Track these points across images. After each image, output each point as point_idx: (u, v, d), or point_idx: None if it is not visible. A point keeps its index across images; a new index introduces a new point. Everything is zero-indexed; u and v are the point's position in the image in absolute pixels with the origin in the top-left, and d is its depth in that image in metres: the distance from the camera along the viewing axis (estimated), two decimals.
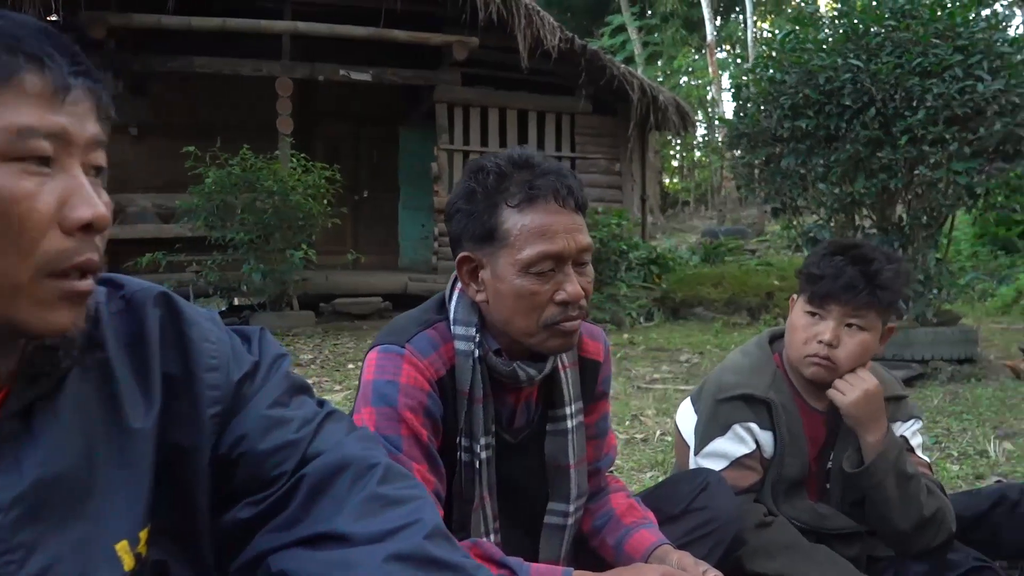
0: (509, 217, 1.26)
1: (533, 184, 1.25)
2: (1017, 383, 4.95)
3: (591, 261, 1.32)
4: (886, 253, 1.69)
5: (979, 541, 1.95)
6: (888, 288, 1.64)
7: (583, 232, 1.28)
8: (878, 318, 1.68)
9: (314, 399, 1.02)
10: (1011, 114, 4.83)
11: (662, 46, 18.92)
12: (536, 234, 1.24)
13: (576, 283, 1.26)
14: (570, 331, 1.29)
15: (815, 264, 1.69)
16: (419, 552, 0.86)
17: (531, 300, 1.26)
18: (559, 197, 1.25)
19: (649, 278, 9.75)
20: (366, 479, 0.91)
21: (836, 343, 1.66)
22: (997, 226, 10.79)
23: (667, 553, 1.38)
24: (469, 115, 9.62)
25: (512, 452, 1.41)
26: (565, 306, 1.27)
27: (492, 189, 1.27)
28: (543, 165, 1.29)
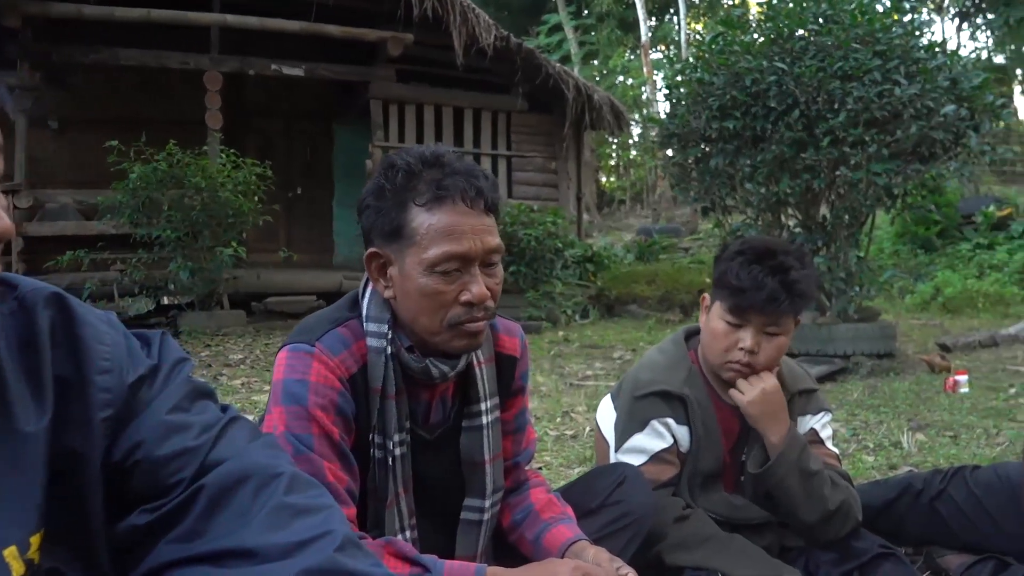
0: (416, 216, 1.25)
1: (441, 184, 1.25)
2: (932, 377, 5.14)
3: (500, 261, 1.33)
4: (797, 255, 1.72)
5: (886, 529, 2.03)
6: (805, 296, 1.69)
7: (492, 234, 1.29)
8: (792, 320, 1.73)
9: (217, 404, 0.99)
10: (926, 117, 5.02)
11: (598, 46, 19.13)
12: (442, 234, 1.24)
13: (482, 284, 1.26)
14: (474, 332, 1.30)
15: (734, 274, 1.69)
16: (330, 566, 0.84)
17: (436, 299, 1.26)
18: (467, 198, 1.25)
19: (584, 276, 9.84)
20: (271, 489, 0.89)
21: (757, 349, 1.70)
22: (916, 226, 11.21)
23: (584, 548, 1.40)
24: (404, 112, 9.54)
25: (428, 448, 1.41)
26: (470, 307, 1.27)
27: (401, 187, 1.27)
28: (454, 164, 1.28)
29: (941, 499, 2.01)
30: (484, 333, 1.33)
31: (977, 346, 6.53)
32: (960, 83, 5.18)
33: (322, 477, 1.20)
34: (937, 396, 4.51)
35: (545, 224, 8.51)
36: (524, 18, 19.66)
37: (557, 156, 10.62)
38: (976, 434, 3.57)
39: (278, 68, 8.96)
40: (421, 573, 1.18)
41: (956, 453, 3.23)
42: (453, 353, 1.33)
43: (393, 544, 1.21)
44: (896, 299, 9.74)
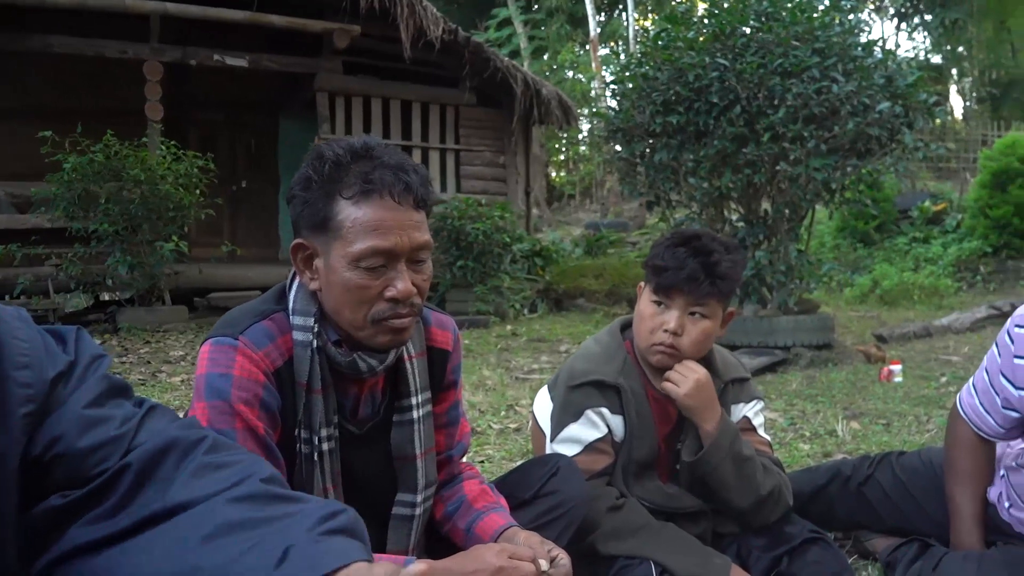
0: (343, 209, 1.24)
1: (369, 178, 1.23)
2: (868, 367, 5.29)
3: (428, 258, 1.31)
4: (725, 244, 1.76)
5: (817, 514, 2.08)
6: (727, 278, 1.72)
7: (420, 230, 1.27)
8: (719, 305, 1.75)
9: (133, 400, 0.99)
10: (862, 114, 5.15)
11: (547, 41, 19.16)
12: (368, 229, 1.22)
13: (407, 281, 1.25)
14: (399, 328, 1.28)
15: (659, 256, 1.75)
16: (261, 491, 0.87)
17: (360, 294, 1.25)
18: (395, 193, 1.23)
19: (533, 270, 9.87)
20: (193, 453, 0.91)
21: (680, 331, 1.73)
22: (856, 220, 11.49)
23: (515, 534, 1.40)
24: (351, 105, 9.44)
25: (357, 443, 1.40)
26: (395, 303, 1.26)
27: (328, 178, 1.24)
28: (383, 158, 1.26)
29: (868, 484, 2.07)
30: (410, 330, 1.32)
31: (912, 337, 6.73)
32: (895, 81, 5.32)
33: None
34: (872, 385, 4.64)
35: (493, 218, 8.50)
36: (473, 12, 19.60)
37: (505, 150, 10.62)
38: (908, 422, 3.67)
39: (221, 58, 8.78)
40: None
41: (888, 440, 3.32)
42: (377, 349, 1.31)
43: None
44: (836, 292, 9.98)
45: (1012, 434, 1.78)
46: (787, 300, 5.73)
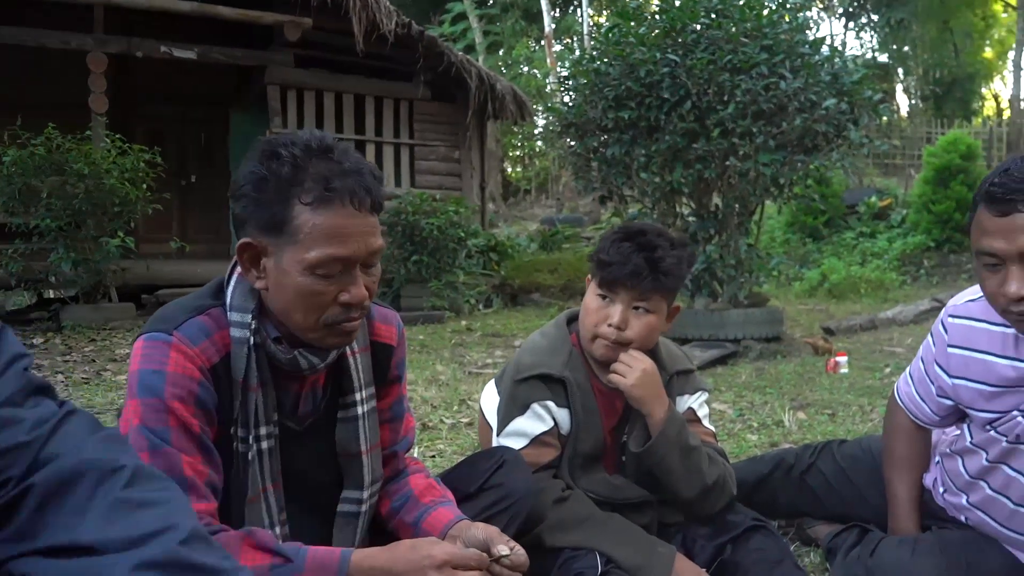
0: (301, 213, 1.20)
1: (330, 185, 1.19)
2: (816, 359, 5.39)
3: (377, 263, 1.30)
4: (670, 239, 1.78)
5: (761, 502, 2.11)
6: (671, 274, 1.73)
7: (376, 235, 1.26)
8: (663, 300, 1.77)
9: (55, 400, 0.96)
10: (809, 110, 5.24)
11: (502, 36, 19.14)
12: (327, 236, 1.20)
13: (362, 286, 1.24)
14: (349, 331, 1.28)
15: (605, 250, 1.76)
16: (173, 558, 0.81)
17: (314, 300, 1.23)
18: (356, 200, 1.21)
19: (488, 265, 9.86)
20: (109, 484, 0.86)
21: (624, 326, 1.74)
22: (805, 216, 11.70)
23: (465, 528, 1.39)
24: (303, 98, 9.32)
25: (298, 440, 1.38)
26: (348, 307, 1.25)
27: (286, 180, 1.20)
28: (344, 162, 1.23)
29: (811, 472, 2.11)
30: (357, 331, 1.31)
31: (858, 329, 6.89)
32: (841, 78, 5.43)
33: (179, 471, 1.16)
34: (819, 377, 4.73)
35: (448, 213, 8.46)
36: (427, 5, 19.46)
37: (460, 145, 10.59)
38: (852, 411, 3.76)
39: (168, 50, 8.60)
40: (282, 563, 1.16)
41: (833, 430, 3.40)
42: (325, 349, 1.30)
43: (253, 535, 1.18)
44: (786, 286, 10.16)
45: (947, 421, 1.83)
46: (737, 294, 5.82)
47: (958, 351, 1.68)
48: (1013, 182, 1.40)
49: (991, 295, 1.48)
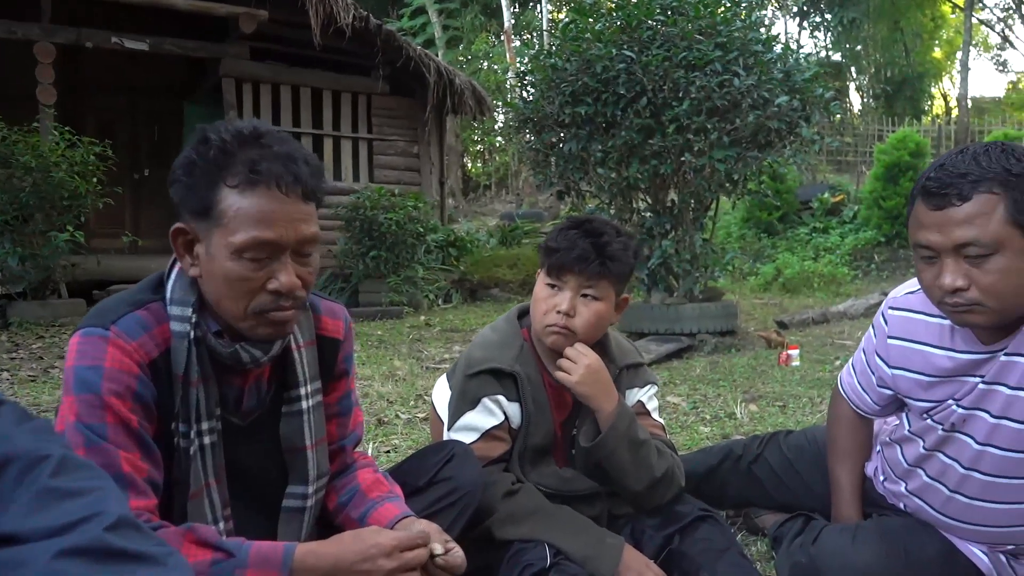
0: (227, 197, 1.20)
1: (256, 167, 1.19)
2: (769, 352, 5.48)
3: (316, 250, 1.29)
4: (616, 227, 1.81)
5: (709, 493, 2.15)
6: (617, 259, 1.75)
7: (308, 222, 1.24)
8: (611, 288, 1.79)
9: None
10: (762, 107, 5.31)
11: (462, 31, 19.07)
12: (252, 219, 1.19)
13: (291, 273, 1.23)
14: (280, 321, 1.26)
15: (552, 238, 1.79)
16: (98, 544, 0.80)
17: (241, 285, 1.22)
18: (283, 184, 1.20)
19: (447, 261, 9.85)
20: (35, 473, 0.84)
21: (573, 312, 1.76)
22: (760, 211, 11.88)
23: (411, 524, 1.39)
24: (259, 92, 9.21)
25: (242, 436, 1.37)
26: (277, 295, 1.23)
27: (213, 164, 1.20)
28: (273, 146, 1.22)
29: (758, 463, 2.15)
30: (292, 323, 1.29)
31: (810, 323, 7.02)
32: (793, 76, 5.51)
33: (117, 468, 1.14)
34: (771, 369, 4.81)
35: (407, 208, 8.43)
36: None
37: (419, 140, 10.54)
38: (802, 403, 3.83)
39: (119, 41, 8.42)
40: (224, 558, 1.15)
41: (783, 421, 3.46)
42: (258, 340, 1.29)
43: (194, 531, 1.17)
44: (741, 280, 10.30)
45: (887, 411, 1.88)
46: (693, 288, 5.89)
47: (897, 342, 1.73)
48: (947, 176, 1.43)
49: (927, 287, 1.52)
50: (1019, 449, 1.54)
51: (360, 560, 1.20)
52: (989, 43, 29.77)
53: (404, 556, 1.23)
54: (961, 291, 1.44)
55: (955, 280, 1.44)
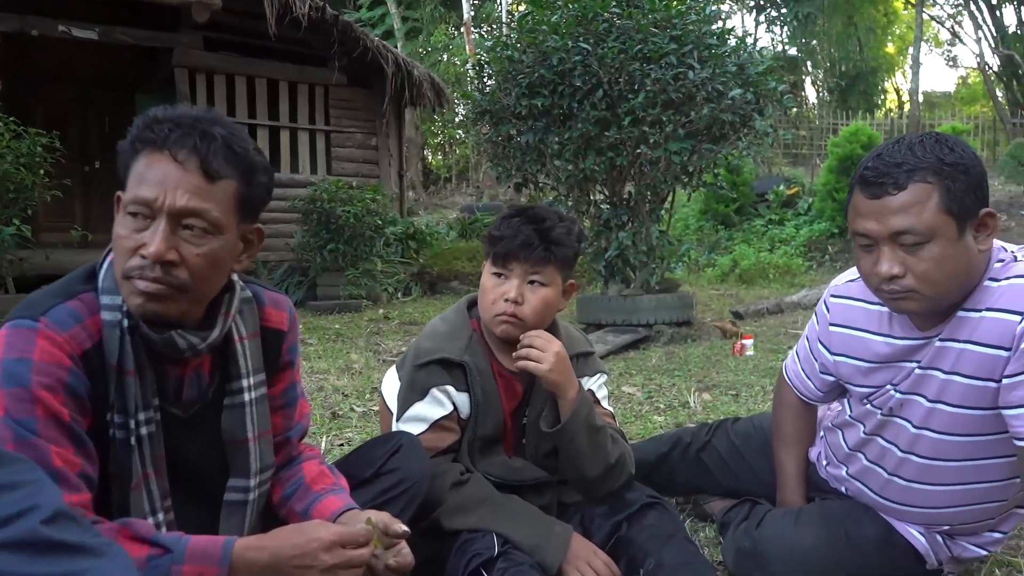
0: (137, 161, 1.23)
1: (154, 129, 1.21)
2: (724, 342, 5.55)
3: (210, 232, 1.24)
4: (558, 213, 1.83)
5: (660, 480, 2.18)
6: (561, 244, 1.77)
7: (197, 196, 1.21)
8: (557, 273, 1.79)
9: None
10: (716, 100, 5.37)
11: (421, 22, 18.95)
12: (139, 177, 1.21)
13: (161, 241, 1.18)
14: (143, 291, 1.20)
15: (496, 227, 1.80)
16: (35, 537, 0.79)
17: (119, 244, 1.23)
18: (176, 150, 1.20)
19: (407, 253, 9.80)
20: None
21: (521, 299, 1.76)
22: (717, 203, 12.01)
23: (354, 516, 1.39)
24: (213, 82, 9.03)
25: (183, 427, 1.35)
26: (144, 261, 1.20)
27: (135, 135, 1.23)
28: (191, 116, 1.23)
29: (706, 450, 2.18)
30: (166, 301, 1.22)
31: (765, 313, 7.12)
32: (747, 69, 5.57)
33: (48, 463, 1.12)
34: (726, 359, 4.88)
35: (364, 201, 8.36)
36: None
37: (377, 132, 10.45)
38: (755, 392, 3.89)
39: (67, 30, 8.19)
40: (160, 553, 1.13)
41: (735, 409, 3.51)
42: (133, 312, 1.24)
43: (130, 526, 1.15)
44: (698, 272, 10.41)
45: (829, 397, 1.91)
46: (649, 280, 5.93)
47: (838, 329, 1.76)
48: (884, 166, 1.46)
49: (865, 275, 1.56)
50: (953, 432, 1.59)
51: (300, 554, 1.19)
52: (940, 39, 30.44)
53: (345, 553, 1.22)
54: (897, 278, 1.47)
55: (891, 267, 1.47)
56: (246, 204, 1.29)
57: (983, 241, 1.46)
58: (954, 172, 1.42)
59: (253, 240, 1.36)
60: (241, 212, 1.29)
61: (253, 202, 1.30)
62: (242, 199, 1.28)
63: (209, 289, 1.29)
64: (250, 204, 1.30)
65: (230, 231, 1.27)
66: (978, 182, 1.43)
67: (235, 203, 1.27)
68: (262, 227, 1.37)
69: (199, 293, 1.27)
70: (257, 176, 1.29)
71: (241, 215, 1.29)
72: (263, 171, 1.30)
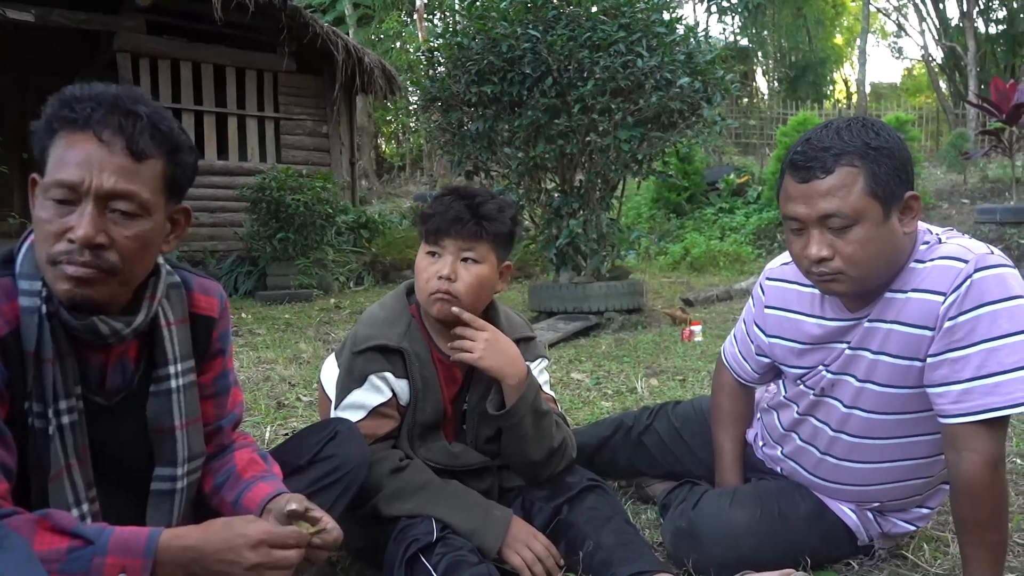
0: (56, 142, 1.18)
1: (76, 108, 1.17)
2: (673, 328, 5.61)
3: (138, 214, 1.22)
4: (490, 191, 1.84)
5: (602, 463, 2.20)
6: (493, 219, 1.76)
7: (124, 176, 1.18)
8: (491, 251, 1.79)
9: None
10: (665, 88, 5.40)
11: (373, 9, 18.73)
12: (60, 160, 1.17)
13: (89, 224, 1.15)
14: (71, 276, 1.17)
15: (428, 206, 1.80)
16: None
17: (42, 228, 1.19)
18: (100, 130, 1.17)
19: (359, 242, 9.71)
20: None
21: (454, 276, 1.75)
22: (669, 192, 12.12)
23: (282, 501, 1.37)
24: (158, 68, 8.83)
25: (108, 416, 1.32)
26: (71, 245, 1.16)
27: (51, 114, 1.18)
28: (113, 95, 1.19)
29: (647, 433, 2.20)
30: (94, 285, 1.19)
31: (715, 300, 7.22)
32: (695, 58, 5.62)
33: None
34: (675, 345, 4.93)
35: (315, 189, 8.25)
36: None
37: (328, 120, 10.32)
38: (701, 376, 3.94)
39: (1, 12, 7.93)
40: (82, 545, 1.10)
41: (682, 394, 3.55)
42: (60, 298, 1.20)
43: (49, 517, 1.12)
44: (649, 260, 10.51)
45: (765, 379, 1.95)
46: (600, 267, 5.97)
47: (773, 311, 1.79)
48: (813, 150, 1.49)
49: (796, 257, 1.58)
50: (882, 411, 1.63)
51: (225, 549, 1.17)
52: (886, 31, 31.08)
53: (272, 553, 1.20)
54: (826, 260, 1.50)
55: (820, 250, 1.49)
56: (173, 184, 1.26)
57: (908, 224, 1.49)
58: (879, 156, 1.45)
59: (180, 220, 1.33)
60: (168, 192, 1.26)
61: (179, 181, 1.27)
62: (169, 179, 1.25)
63: (139, 271, 1.27)
64: (176, 184, 1.27)
65: (158, 212, 1.25)
66: (902, 165, 1.46)
67: (162, 183, 1.24)
68: (188, 207, 1.34)
69: (128, 276, 1.24)
70: (183, 155, 1.26)
71: (168, 195, 1.27)
72: (188, 150, 1.27)
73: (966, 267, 1.44)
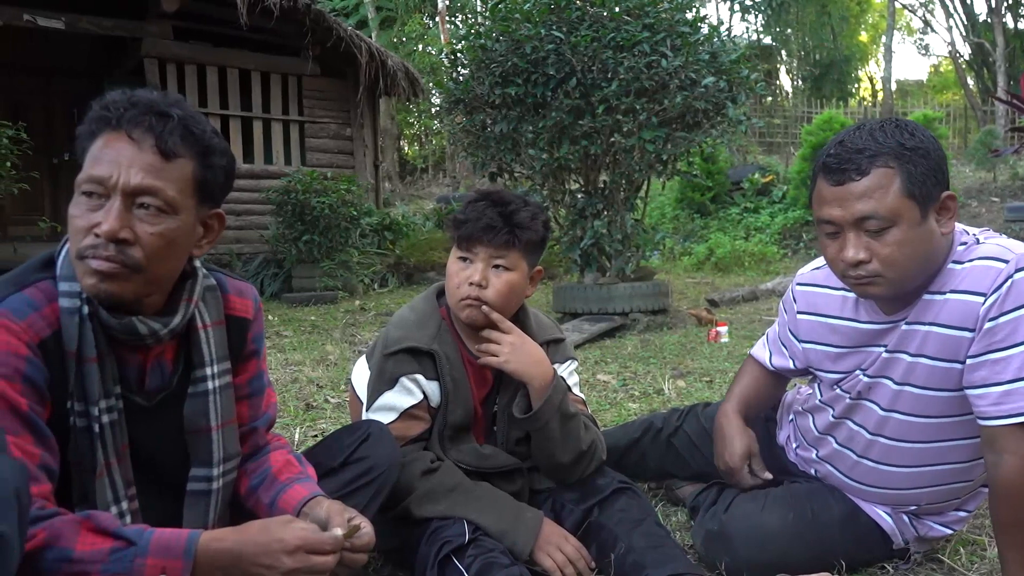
0: (94, 142, 1.21)
1: (110, 108, 1.20)
2: (699, 329, 5.59)
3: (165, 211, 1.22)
4: (523, 198, 1.82)
5: (631, 465, 2.19)
6: (526, 227, 1.76)
7: (151, 174, 1.19)
8: (522, 258, 1.79)
9: None
10: (689, 88, 5.38)
11: (395, 12, 18.81)
12: (94, 156, 1.20)
13: (114, 219, 1.17)
14: (96, 271, 1.18)
15: (460, 211, 1.79)
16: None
17: (73, 223, 1.21)
18: (132, 129, 1.19)
19: (383, 244, 9.75)
20: None
21: (485, 283, 1.75)
22: (693, 192, 12.06)
23: (318, 504, 1.38)
24: (184, 73, 8.92)
25: (146, 415, 1.33)
26: (96, 240, 1.18)
27: (91, 117, 1.21)
28: (148, 98, 1.22)
29: (677, 435, 2.19)
30: (118, 280, 1.19)
31: (740, 300, 7.17)
32: (719, 57, 5.58)
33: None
34: (701, 346, 4.91)
35: (339, 192, 8.31)
36: None
37: (352, 122, 10.37)
38: (728, 378, 3.91)
39: (32, 19, 8.05)
40: (124, 547, 1.11)
41: (709, 395, 3.53)
42: (89, 292, 1.21)
43: (93, 519, 1.13)
44: (675, 260, 10.46)
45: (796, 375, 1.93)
46: (625, 268, 5.95)
47: (806, 317, 1.78)
48: (847, 152, 1.47)
49: (831, 261, 1.57)
50: (920, 414, 1.61)
51: (262, 554, 1.18)
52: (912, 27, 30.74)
53: (309, 558, 1.20)
54: (863, 263, 1.48)
55: (857, 253, 1.48)
56: (203, 186, 1.27)
57: (945, 224, 1.48)
58: (915, 156, 1.43)
59: (214, 226, 1.34)
60: (199, 194, 1.27)
61: (211, 185, 1.28)
62: (199, 181, 1.26)
63: (163, 270, 1.26)
64: (208, 187, 1.28)
65: (186, 212, 1.26)
66: (938, 165, 1.44)
67: (191, 184, 1.25)
68: (223, 213, 1.36)
69: (153, 274, 1.24)
70: (214, 158, 1.27)
71: (199, 198, 1.27)
72: (220, 153, 1.28)
73: (1007, 267, 1.42)
